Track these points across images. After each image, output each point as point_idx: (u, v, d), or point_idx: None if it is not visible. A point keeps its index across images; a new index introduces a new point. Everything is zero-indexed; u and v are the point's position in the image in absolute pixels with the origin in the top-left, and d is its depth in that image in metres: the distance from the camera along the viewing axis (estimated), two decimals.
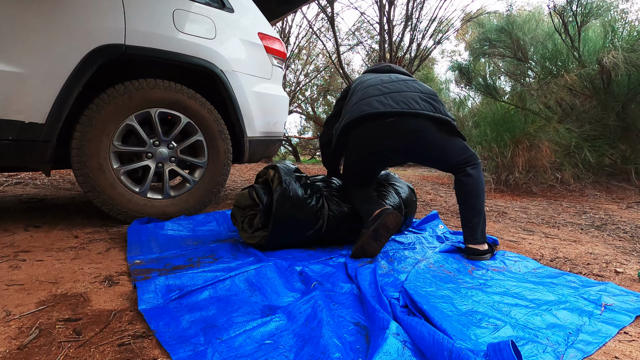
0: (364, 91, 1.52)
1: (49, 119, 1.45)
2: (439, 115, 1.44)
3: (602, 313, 1.04)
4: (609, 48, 3.69)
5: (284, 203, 1.41)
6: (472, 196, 1.48)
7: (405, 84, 1.51)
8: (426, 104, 1.45)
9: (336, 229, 1.54)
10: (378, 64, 1.78)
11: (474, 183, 1.47)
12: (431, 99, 1.47)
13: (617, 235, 2.12)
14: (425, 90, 1.51)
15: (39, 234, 1.54)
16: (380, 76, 1.58)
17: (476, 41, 5.50)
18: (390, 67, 1.73)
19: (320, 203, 1.51)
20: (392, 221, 1.41)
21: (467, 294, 1.12)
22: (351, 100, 1.56)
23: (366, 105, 1.45)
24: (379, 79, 1.55)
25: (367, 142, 1.50)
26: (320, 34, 9.22)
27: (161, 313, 0.91)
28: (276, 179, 1.48)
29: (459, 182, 1.50)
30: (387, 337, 0.79)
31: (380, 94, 1.46)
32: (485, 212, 1.73)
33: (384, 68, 1.73)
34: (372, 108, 1.42)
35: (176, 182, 2.22)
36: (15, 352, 0.74)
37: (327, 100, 10.93)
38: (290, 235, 1.47)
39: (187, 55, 1.75)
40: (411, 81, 1.54)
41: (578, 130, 3.88)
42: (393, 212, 1.41)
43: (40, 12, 1.41)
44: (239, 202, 1.58)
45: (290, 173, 1.50)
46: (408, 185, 1.90)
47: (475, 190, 1.47)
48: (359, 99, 1.50)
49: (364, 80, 1.61)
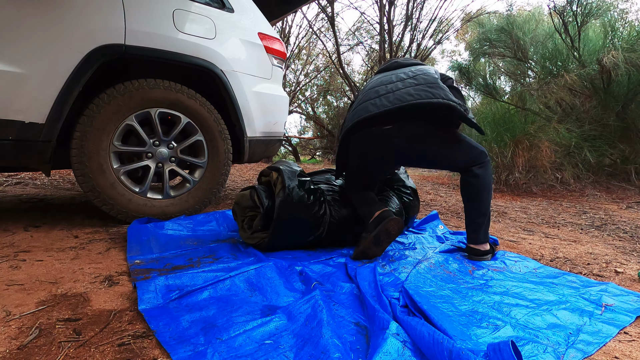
0: (364, 94, 1.51)
1: (49, 119, 1.45)
2: (437, 100, 1.30)
3: (602, 313, 1.04)
4: (609, 48, 3.69)
5: (285, 209, 1.40)
6: (477, 197, 1.44)
7: (403, 82, 1.42)
8: (423, 92, 1.34)
9: (336, 232, 1.54)
10: (387, 63, 1.72)
11: (480, 183, 1.43)
12: (429, 87, 1.36)
13: (617, 235, 2.12)
14: (423, 81, 1.39)
15: (39, 234, 1.54)
16: (382, 77, 1.55)
17: (476, 41, 5.50)
18: (397, 62, 1.65)
19: (322, 209, 1.49)
20: (393, 227, 1.40)
21: (468, 294, 1.12)
22: (355, 102, 1.54)
23: (362, 110, 1.42)
24: (379, 81, 1.53)
25: (367, 149, 1.48)
26: (320, 34, 9.23)
27: (161, 313, 0.91)
28: (279, 183, 1.46)
29: (464, 182, 1.47)
30: (387, 337, 0.79)
31: (376, 97, 1.42)
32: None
33: (391, 66, 1.66)
34: (366, 112, 1.39)
35: (176, 182, 2.22)
36: (15, 352, 0.74)
37: (327, 100, 10.93)
38: (290, 239, 1.47)
39: (187, 55, 1.75)
40: (410, 79, 1.44)
41: (578, 130, 3.88)
42: (395, 219, 1.39)
43: (41, 12, 1.41)
44: (239, 201, 1.57)
45: (294, 177, 1.47)
46: (412, 187, 1.88)
47: (480, 191, 1.44)
48: (357, 104, 1.48)
49: (368, 84, 1.59)
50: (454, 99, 1.33)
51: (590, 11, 3.93)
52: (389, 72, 1.56)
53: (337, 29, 8.09)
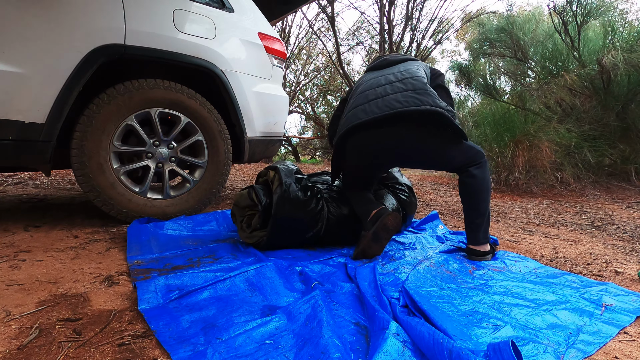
0: (355, 99, 1.51)
1: (49, 119, 1.45)
2: (425, 107, 1.32)
3: (602, 313, 1.04)
4: (608, 48, 3.69)
5: (283, 205, 1.41)
6: (475, 197, 1.44)
7: (392, 86, 1.43)
8: (411, 99, 1.35)
9: (335, 230, 1.54)
10: (376, 60, 1.73)
11: (477, 184, 1.42)
12: (417, 94, 1.37)
13: (617, 235, 2.12)
14: (412, 86, 1.40)
15: (39, 234, 1.54)
16: (372, 80, 1.54)
17: (476, 41, 5.50)
18: (386, 60, 1.66)
19: (320, 205, 1.50)
20: (391, 222, 1.40)
21: (468, 294, 1.12)
22: (347, 106, 1.56)
23: (353, 116, 1.44)
24: (368, 84, 1.52)
25: (362, 152, 1.48)
26: (320, 34, 9.23)
27: (161, 313, 0.91)
28: (276, 180, 1.48)
29: (462, 183, 1.46)
30: (387, 337, 0.79)
31: (365, 102, 1.44)
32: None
33: (380, 64, 1.66)
34: (357, 119, 1.41)
35: (176, 182, 2.22)
36: (15, 352, 0.74)
37: (327, 100, 10.94)
38: (289, 237, 1.47)
39: (187, 55, 1.75)
40: (398, 82, 1.44)
41: (578, 130, 3.88)
42: (392, 213, 1.40)
43: (41, 12, 1.41)
44: (238, 201, 1.58)
45: (290, 175, 1.49)
46: (407, 184, 1.89)
47: (477, 191, 1.43)
48: (350, 109, 1.50)
49: (360, 84, 1.59)
50: (441, 105, 1.35)
51: (590, 11, 3.93)
52: (377, 73, 1.58)
53: (337, 29, 8.10)
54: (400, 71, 1.50)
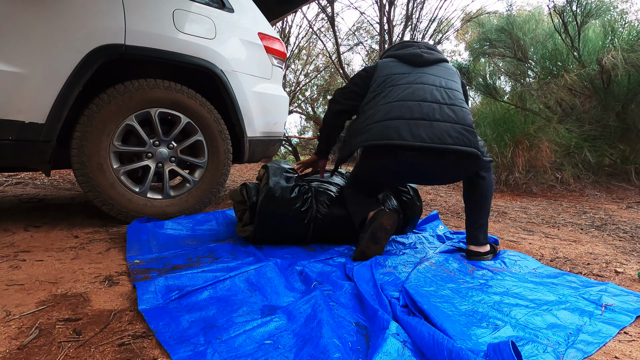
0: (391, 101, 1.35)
1: (49, 119, 1.45)
2: (471, 149, 1.30)
3: (602, 313, 1.04)
4: (608, 48, 3.69)
5: (267, 202, 1.46)
6: (483, 198, 1.46)
7: (440, 108, 1.32)
8: (461, 137, 1.30)
9: (326, 229, 1.57)
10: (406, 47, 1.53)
11: (486, 185, 1.45)
12: (466, 131, 1.32)
13: (617, 235, 2.12)
14: (462, 120, 1.33)
15: (39, 234, 1.54)
16: (413, 87, 1.37)
17: (476, 41, 5.50)
18: (421, 57, 1.45)
19: (307, 204, 1.52)
20: (388, 221, 1.39)
21: (468, 294, 1.12)
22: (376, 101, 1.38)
23: (393, 131, 1.29)
24: (410, 91, 1.36)
25: (393, 170, 1.42)
26: (320, 34, 9.23)
27: (161, 313, 0.91)
28: (264, 178, 1.54)
29: (470, 184, 1.47)
30: (387, 337, 0.79)
31: (410, 118, 1.30)
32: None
33: (414, 59, 1.45)
34: (400, 137, 1.28)
35: (176, 182, 2.22)
36: (15, 352, 0.74)
37: (327, 100, 10.93)
38: (275, 233, 1.52)
39: (187, 55, 1.75)
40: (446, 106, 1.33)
41: (578, 130, 3.89)
42: (388, 213, 1.39)
43: (41, 12, 1.41)
44: (232, 197, 1.65)
45: (279, 173, 1.55)
46: (412, 186, 1.88)
47: (486, 193, 1.46)
48: (385, 114, 1.33)
49: (391, 74, 1.42)
50: (479, 146, 1.36)
51: (590, 11, 3.93)
52: (414, 74, 1.41)
53: (337, 29, 8.10)
54: (444, 87, 1.38)
